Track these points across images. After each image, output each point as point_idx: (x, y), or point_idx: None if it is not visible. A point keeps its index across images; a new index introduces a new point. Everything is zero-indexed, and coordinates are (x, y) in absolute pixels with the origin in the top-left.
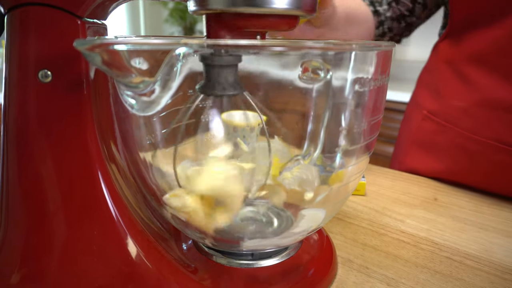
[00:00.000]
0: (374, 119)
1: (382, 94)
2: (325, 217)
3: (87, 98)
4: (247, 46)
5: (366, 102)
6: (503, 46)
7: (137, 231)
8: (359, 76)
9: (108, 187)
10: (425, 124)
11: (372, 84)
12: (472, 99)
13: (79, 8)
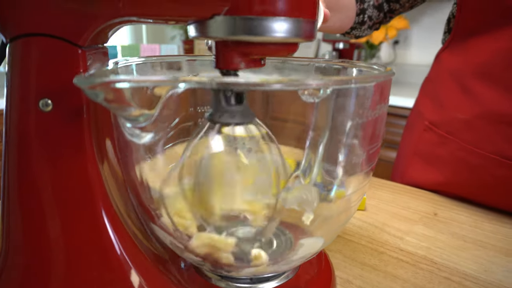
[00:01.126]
0: (373, 147)
1: (381, 123)
2: (324, 243)
3: (87, 126)
4: (247, 84)
5: (365, 133)
6: (507, 59)
7: (137, 256)
8: (357, 109)
9: (107, 212)
10: (426, 135)
11: (370, 114)
12: (474, 112)
13: (80, 38)
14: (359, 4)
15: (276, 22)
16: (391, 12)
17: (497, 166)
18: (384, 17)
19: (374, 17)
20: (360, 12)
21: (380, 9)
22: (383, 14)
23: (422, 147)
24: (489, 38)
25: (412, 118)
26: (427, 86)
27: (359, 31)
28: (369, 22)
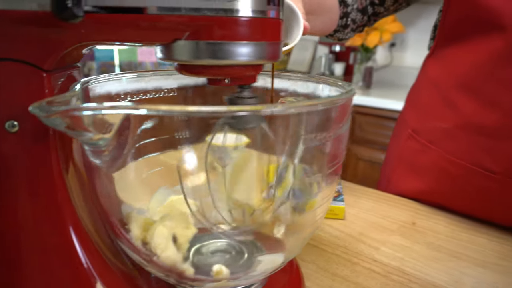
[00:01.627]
0: (333, 164)
1: (342, 141)
2: (285, 258)
3: (53, 145)
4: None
5: (326, 152)
6: (485, 72)
7: (105, 271)
8: (318, 132)
9: (75, 229)
10: (409, 143)
11: (332, 135)
12: (454, 122)
13: (45, 62)
14: (342, 8)
15: (240, 47)
16: (375, 15)
17: (476, 176)
18: (368, 20)
19: (358, 20)
20: (343, 15)
21: (364, 12)
22: (367, 17)
23: (406, 155)
24: (469, 50)
25: (397, 125)
26: (412, 94)
27: (342, 34)
28: (353, 25)
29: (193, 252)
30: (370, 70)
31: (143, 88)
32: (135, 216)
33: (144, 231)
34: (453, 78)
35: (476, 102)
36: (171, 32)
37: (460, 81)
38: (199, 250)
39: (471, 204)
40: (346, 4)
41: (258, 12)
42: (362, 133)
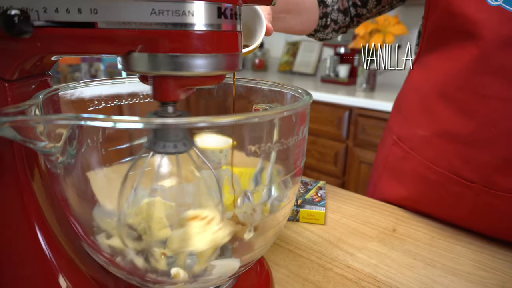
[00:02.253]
0: (297, 165)
1: (303, 144)
2: (245, 262)
3: (18, 151)
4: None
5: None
6: (461, 80)
7: (69, 268)
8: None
9: (41, 228)
10: (394, 149)
11: (293, 140)
12: (432, 129)
13: (6, 72)
14: (322, 8)
15: (195, 59)
16: (358, 17)
17: (454, 184)
18: (350, 21)
19: (339, 21)
20: (323, 15)
21: (346, 13)
22: (349, 18)
23: (390, 161)
24: (446, 58)
25: (384, 131)
26: (398, 99)
27: (323, 34)
28: (334, 26)
29: None
30: (373, 73)
31: (118, 94)
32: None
33: None
34: (432, 85)
35: (452, 110)
36: (124, 45)
37: (438, 88)
38: None
39: (450, 212)
40: (326, 5)
41: (211, 25)
42: (365, 136)
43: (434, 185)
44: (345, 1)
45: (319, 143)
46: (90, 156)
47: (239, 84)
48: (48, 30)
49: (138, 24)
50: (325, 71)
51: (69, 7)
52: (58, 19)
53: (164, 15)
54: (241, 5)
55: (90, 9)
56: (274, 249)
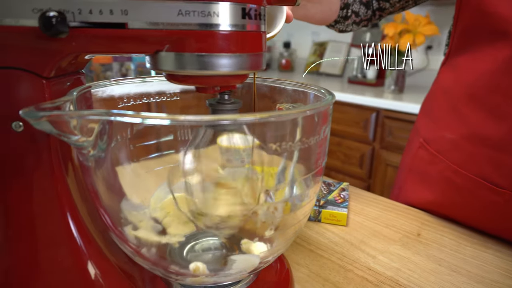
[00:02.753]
0: (318, 165)
1: (325, 143)
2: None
3: (53, 143)
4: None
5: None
6: (492, 81)
7: (102, 261)
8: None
9: (73, 218)
10: (420, 152)
11: (315, 139)
12: (461, 133)
13: (44, 70)
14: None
15: (219, 58)
16: (380, 11)
17: (480, 188)
18: (372, 15)
19: (361, 14)
20: (344, 6)
21: (368, 6)
22: (371, 11)
23: (416, 164)
24: (477, 59)
25: (411, 134)
26: (425, 102)
27: (343, 25)
28: (355, 18)
29: (188, 249)
30: (402, 74)
31: (146, 92)
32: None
33: None
34: (461, 87)
35: (482, 112)
36: (152, 45)
37: (467, 90)
38: (193, 247)
39: (477, 218)
40: None
41: (235, 25)
42: (392, 139)
43: (461, 190)
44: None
45: (344, 144)
46: (119, 151)
47: (264, 84)
48: (82, 31)
49: (165, 24)
50: (353, 72)
51: (102, 9)
52: (91, 20)
53: (191, 15)
54: (265, 6)
55: (121, 10)
56: (295, 248)
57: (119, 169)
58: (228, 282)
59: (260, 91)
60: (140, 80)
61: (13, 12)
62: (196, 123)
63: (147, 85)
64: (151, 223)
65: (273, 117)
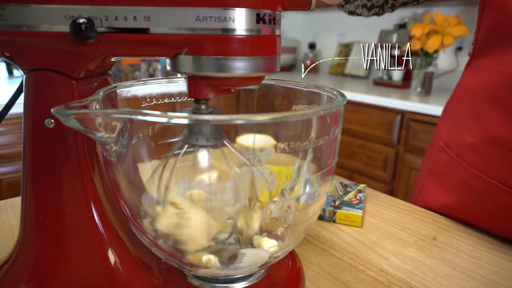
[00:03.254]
0: (329, 163)
1: (336, 143)
2: (272, 256)
3: (81, 140)
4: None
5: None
6: (511, 83)
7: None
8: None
9: (96, 208)
10: (440, 155)
11: (324, 140)
12: (481, 136)
13: (74, 72)
14: None
15: (235, 61)
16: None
17: (499, 192)
18: (385, 2)
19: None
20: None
21: None
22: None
23: (436, 168)
24: (499, 61)
25: (433, 137)
26: (448, 104)
27: (352, 5)
28: (366, 1)
29: None
30: (430, 76)
31: (169, 93)
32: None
33: None
34: (483, 89)
35: (503, 115)
36: (171, 48)
37: (489, 92)
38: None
39: (497, 224)
40: None
41: (250, 30)
42: (417, 142)
43: (480, 194)
44: None
45: (367, 147)
46: (140, 148)
47: (280, 86)
48: (108, 36)
49: (184, 29)
50: (378, 73)
51: (126, 15)
52: (117, 25)
53: (208, 21)
54: (280, 11)
55: (143, 17)
56: (308, 247)
57: (141, 166)
58: (239, 275)
59: (277, 92)
60: (163, 81)
61: (49, 19)
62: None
63: (170, 85)
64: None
65: (284, 118)
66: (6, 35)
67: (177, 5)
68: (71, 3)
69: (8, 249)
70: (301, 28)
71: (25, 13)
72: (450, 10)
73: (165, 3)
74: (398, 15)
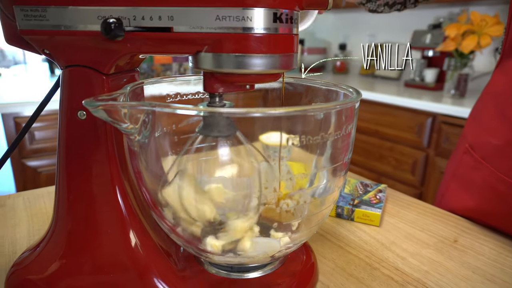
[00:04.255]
0: (343, 157)
1: (350, 138)
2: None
3: (109, 131)
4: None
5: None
6: None
7: (144, 236)
8: None
9: (121, 193)
10: (465, 158)
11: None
12: (507, 138)
13: (105, 68)
14: None
15: (253, 58)
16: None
17: None
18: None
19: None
20: None
21: None
22: None
23: (460, 170)
24: None
25: (459, 139)
26: (475, 106)
27: (373, 4)
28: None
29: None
30: (464, 78)
31: (194, 90)
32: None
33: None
34: (510, 90)
35: None
36: (193, 46)
37: None
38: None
39: None
40: None
41: (267, 29)
42: (448, 145)
43: (505, 198)
44: None
45: (396, 150)
46: (162, 140)
47: (299, 84)
48: (135, 34)
49: (205, 28)
50: (410, 75)
51: (152, 15)
52: (143, 25)
53: (227, 20)
54: (298, 11)
55: (167, 17)
56: (324, 243)
57: (163, 159)
58: (253, 264)
59: (297, 90)
60: (195, 78)
61: (84, 19)
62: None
63: (194, 82)
64: None
65: (298, 112)
66: (47, 34)
67: (198, 5)
68: (103, 4)
69: (43, 232)
70: (331, 29)
71: (64, 14)
72: (488, 9)
73: (187, 3)
74: (433, 15)
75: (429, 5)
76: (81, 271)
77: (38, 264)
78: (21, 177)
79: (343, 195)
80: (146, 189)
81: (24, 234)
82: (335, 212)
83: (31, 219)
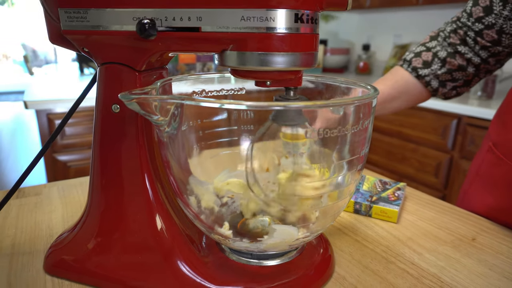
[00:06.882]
0: (361, 150)
1: (367, 133)
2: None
3: (141, 123)
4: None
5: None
6: None
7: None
8: None
9: (149, 181)
10: (488, 155)
11: (354, 129)
12: None
13: (137, 65)
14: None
15: (275, 56)
16: (494, 56)
17: None
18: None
19: (458, 77)
20: (426, 84)
21: (463, 68)
22: (473, 68)
23: (483, 168)
24: None
25: (484, 138)
26: (502, 105)
27: (442, 95)
28: (452, 84)
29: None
30: (493, 79)
31: (219, 87)
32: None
33: None
34: None
35: None
36: (219, 45)
37: None
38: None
39: None
40: (421, 77)
41: (289, 28)
42: (474, 148)
43: None
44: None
45: (419, 151)
46: (189, 134)
47: (320, 82)
48: (167, 34)
49: (230, 28)
50: None
51: (182, 16)
52: (174, 25)
53: (251, 20)
54: (319, 11)
55: (196, 17)
56: (341, 237)
57: (189, 152)
58: (272, 252)
59: (317, 88)
60: (219, 76)
61: (120, 20)
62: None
63: (220, 79)
64: (214, 198)
65: (317, 106)
66: (87, 34)
67: (225, 7)
68: (138, 6)
69: (76, 218)
70: (355, 29)
71: (102, 15)
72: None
73: (214, 5)
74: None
75: (455, 4)
76: (111, 250)
77: (73, 244)
78: (52, 170)
79: (361, 192)
80: (173, 177)
81: (59, 220)
82: (353, 208)
83: (65, 206)
